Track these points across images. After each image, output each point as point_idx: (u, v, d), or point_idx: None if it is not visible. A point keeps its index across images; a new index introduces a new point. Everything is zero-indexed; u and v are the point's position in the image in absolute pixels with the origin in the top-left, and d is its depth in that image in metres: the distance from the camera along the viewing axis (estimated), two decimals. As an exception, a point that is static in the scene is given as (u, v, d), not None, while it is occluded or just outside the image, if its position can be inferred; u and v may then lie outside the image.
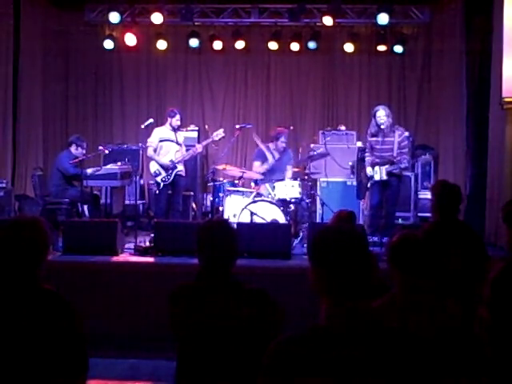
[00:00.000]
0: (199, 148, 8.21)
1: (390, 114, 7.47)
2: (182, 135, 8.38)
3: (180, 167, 8.02)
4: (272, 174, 7.99)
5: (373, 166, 7.41)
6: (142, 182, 9.62)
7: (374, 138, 7.48)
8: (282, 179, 7.75)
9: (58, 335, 2.25)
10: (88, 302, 2.24)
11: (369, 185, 7.51)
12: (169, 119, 8.11)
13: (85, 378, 2.34)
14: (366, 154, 7.65)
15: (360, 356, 1.62)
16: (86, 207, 8.55)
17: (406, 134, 8.06)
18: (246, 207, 7.20)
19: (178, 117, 8.06)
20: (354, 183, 8.68)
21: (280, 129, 8.49)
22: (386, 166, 7.25)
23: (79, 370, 2.32)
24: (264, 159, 8.14)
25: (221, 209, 7.76)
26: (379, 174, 7.27)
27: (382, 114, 7.35)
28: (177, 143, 8.09)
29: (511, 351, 2.52)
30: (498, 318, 2.52)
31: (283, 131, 8.32)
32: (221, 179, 8.30)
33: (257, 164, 8.22)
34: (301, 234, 7.57)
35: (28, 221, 2.40)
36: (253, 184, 8.13)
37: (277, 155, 8.18)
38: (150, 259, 6.44)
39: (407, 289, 2.69)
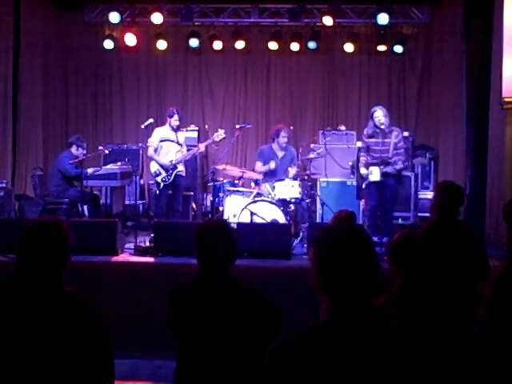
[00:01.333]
0: (201, 147, 8.19)
1: (387, 114, 7.44)
2: (182, 135, 8.37)
3: (180, 167, 8.02)
4: (274, 175, 7.98)
5: (367, 166, 7.38)
6: (142, 182, 9.62)
7: (372, 140, 7.43)
8: (284, 178, 7.74)
9: (82, 340, 2.20)
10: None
11: (363, 185, 7.48)
12: (168, 119, 8.11)
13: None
14: (361, 155, 7.62)
15: (361, 355, 1.62)
16: (85, 207, 8.55)
17: (406, 133, 8.05)
18: (246, 207, 7.20)
19: (176, 117, 8.03)
20: (354, 183, 8.69)
21: (279, 126, 8.50)
22: (381, 167, 7.21)
23: (105, 376, 2.26)
24: (266, 159, 8.14)
25: (221, 209, 7.76)
26: (375, 175, 7.23)
27: (380, 115, 7.32)
28: (177, 143, 8.08)
29: (510, 350, 2.52)
30: (499, 318, 2.53)
31: (282, 127, 8.32)
32: (221, 179, 8.29)
33: (259, 164, 8.20)
34: (301, 233, 7.56)
35: (52, 222, 2.36)
36: (253, 184, 8.12)
37: (280, 154, 8.17)
38: (150, 259, 6.43)
39: (407, 288, 2.69)
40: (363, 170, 7.43)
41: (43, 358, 2.17)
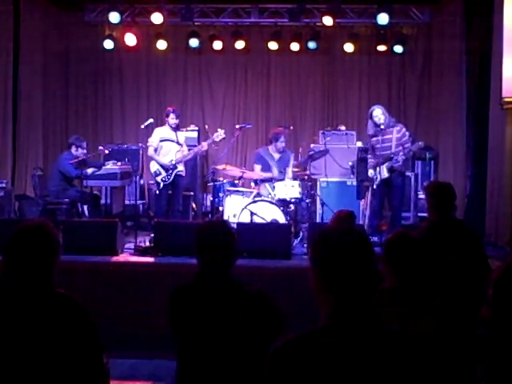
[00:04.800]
0: (205, 146, 8.16)
1: (386, 111, 7.48)
2: (182, 135, 8.37)
3: (180, 167, 8.02)
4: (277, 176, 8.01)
5: (374, 167, 7.40)
6: (142, 182, 9.62)
7: (375, 138, 7.49)
8: (282, 179, 7.75)
9: (74, 342, 2.20)
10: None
11: (375, 186, 7.48)
12: (165, 119, 8.12)
13: None
14: (369, 156, 7.64)
15: (361, 357, 1.62)
16: (85, 207, 8.55)
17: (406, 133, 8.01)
18: (246, 207, 7.20)
19: (172, 115, 8.02)
20: (354, 183, 8.68)
21: (278, 129, 8.50)
22: (386, 164, 7.25)
23: (96, 377, 2.27)
24: (264, 162, 8.14)
25: (221, 209, 7.75)
26: (381, 173, 7.26)
27: (378, 113, 7.36)
28: (177, 143, 8.08)
29: None
30: (501, 318, 2.52)
31: (281, 131, 8.34)
32: (221, 179, 8.29)
33: (258, 168, 8.20)
34: (301, 234, 7.56)
35: (36, 225, 2.35)
36: (253, 184, 8.13)
37: (277, 156, 8.19)
38: (150, 259, 6.43)
39: (398, 287, 2.70)
40: (371, 172, 7.44)
41: (33, 359, 2.17)
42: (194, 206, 9.11)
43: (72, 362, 2.19)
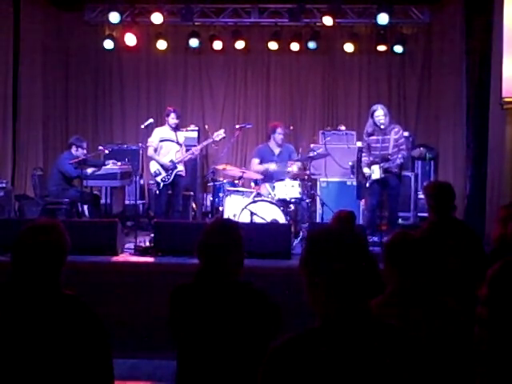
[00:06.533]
0: (196, 151, 8.23)
1: (388, 112, 7.51)
2: (182, 135, 8.38)
3: (180, 167, 8.03)
4: (274, 171, 8.00)
5: (369, 165, 7.44)
6: (142, 182, 9.62)
7: (373, 137, 7.50)
8: (284, 178, 7.74)
9: (82, 343, 2.18)
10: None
11: (367, 185, 7.52)
12: (166, 119, 8.14)
13: None
14: (363, 154, 7.68)
15: (360, 356, 1.62)
16: (86, 207, 8.56)
17: (406, 133, 8.06)
18: (246, 207, 7.20)
19: (173, 115, 8.05)
20: (354, 183, 8.69)
21: (275, 122, 8.58)
22: (382, 164, 7.27)
23: (104, 379, 2.25)
24: (263, 157, 8.16)
25: (221, 209, 7.75)
26: (376, 172, 7.29)
27: (380, 114, 7.40)
28: (177, 143, 8.09)
29: (510, 349, 2.51)
30: (497, 317, 2.53)
31: (278, 124, 8.39)
32: (221, 179, 8.30)
33: (256, 161, 8.21)
34: (301, 233, 7.56)
35: (46, 225, 2.33)
36: (253, 184, 8.13)
37: (277, 150, 8.20)
38: (150, 259, 6.43)
39: (403, 288, 2.70)
40: (366, 170, 7.49)
41: (41, 361, 2.15)
42: (194, 206, 9.11)
43: (79, 365, 2.17)
